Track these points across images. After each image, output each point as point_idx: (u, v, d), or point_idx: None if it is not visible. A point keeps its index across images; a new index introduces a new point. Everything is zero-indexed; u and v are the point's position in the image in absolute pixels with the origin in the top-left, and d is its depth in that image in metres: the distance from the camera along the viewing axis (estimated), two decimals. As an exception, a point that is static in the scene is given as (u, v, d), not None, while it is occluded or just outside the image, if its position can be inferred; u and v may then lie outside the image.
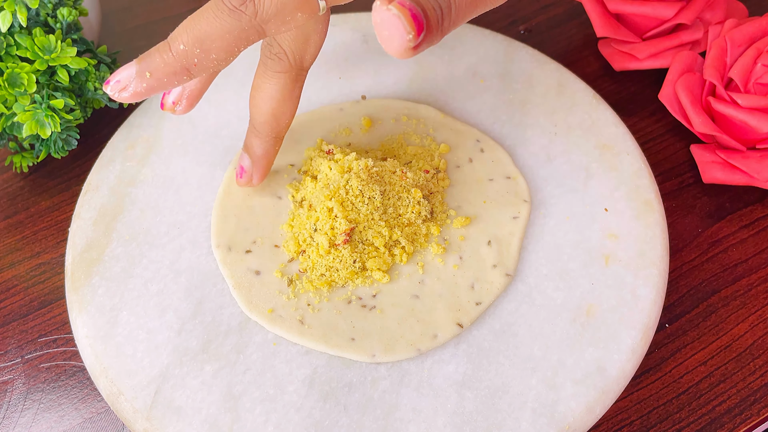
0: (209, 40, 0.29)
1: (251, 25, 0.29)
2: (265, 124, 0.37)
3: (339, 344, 0.35)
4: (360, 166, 0.37)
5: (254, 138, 0.38)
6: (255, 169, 0.39)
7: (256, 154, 0.39)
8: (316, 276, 0.37)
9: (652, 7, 0.46)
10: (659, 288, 0.37)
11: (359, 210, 0.37)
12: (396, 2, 0.25)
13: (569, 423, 0.33)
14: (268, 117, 0.37)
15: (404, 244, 0.38)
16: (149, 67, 0.30)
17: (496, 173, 0.41)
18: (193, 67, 0.30)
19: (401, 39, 0.25)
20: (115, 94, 0.31)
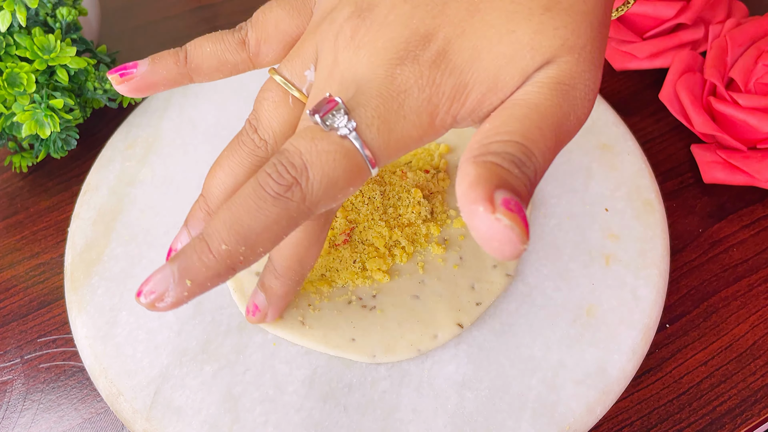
0: (254, 235, 0.24)
1: (300, 210, 0.24)
2: (288, 270, 0.33)
3: (339, 345, 0.35)
4: None
5: (274, 279, 0.34)
6: (271, 309, 0.35)
7: (275, 294, 0.35)
8: (316, 277, 0.37)
9: (653, 6, 0.46)
10: (660, 288, 0.37)
11: (359, 210, 0.37)
12: (502, 207, 0.21)
13: (569, 423, 0.33)
14: (293, 262, 0.33)
15: (404, 244, 0.38)
16: (188, 273, 0.25)
17: None
18: (239, 265, 0.25)
19: (514, 249, 0.21)
20: (150, 305, 0.25)
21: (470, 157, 0.24)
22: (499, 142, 0.24)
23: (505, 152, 0.24)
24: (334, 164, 0.24)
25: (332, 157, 0.24)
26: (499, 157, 0.23)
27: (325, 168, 0.24)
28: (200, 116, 0.44)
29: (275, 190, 0.24)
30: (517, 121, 0.24)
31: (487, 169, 0.23)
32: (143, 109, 0.45)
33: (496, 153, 0.24)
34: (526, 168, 0.24)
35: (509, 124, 0.24)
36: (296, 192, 0.24)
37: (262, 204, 0.24)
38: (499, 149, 0.24)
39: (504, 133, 0.24)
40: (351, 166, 0.24)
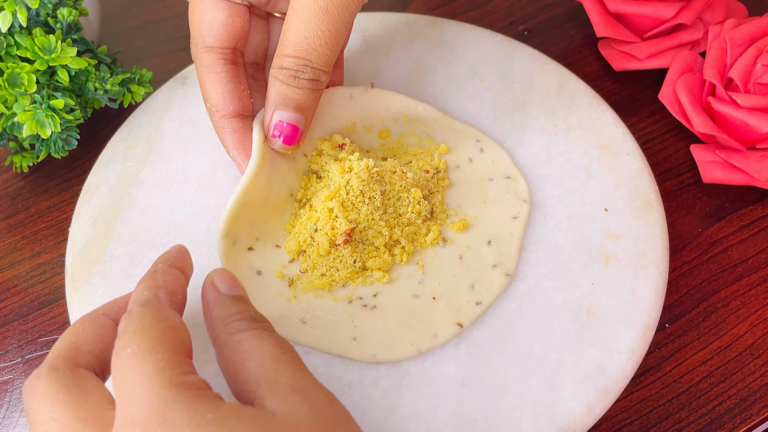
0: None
1: None
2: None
3: (341, 344, 0.35)
4: (361, 167, 0.37)
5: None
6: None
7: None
8: (317, 276, 0.37)
9: (652, 7, 0.46)
10: (659, 288, 0.37)
11: (359, 210, 0.37)
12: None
13: (569, 423, 0.34)
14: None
15: (404, 244, 0.38)
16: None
17: (496, 173, 0.41)
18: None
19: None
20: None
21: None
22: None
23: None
24: None
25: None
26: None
27: None
28: (200, 116, 0.44)
29: None
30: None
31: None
32: (144, 110, 0.45)
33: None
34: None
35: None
36: None
37: None
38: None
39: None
40: None
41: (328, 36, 0.34)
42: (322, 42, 0.34)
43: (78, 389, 0.27)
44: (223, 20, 0.36)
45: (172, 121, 0.44)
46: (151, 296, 0.30)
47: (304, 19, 0.33)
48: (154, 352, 0.26)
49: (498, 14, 0.54)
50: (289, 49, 0.34)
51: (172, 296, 0.31)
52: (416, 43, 0.46)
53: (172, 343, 0.27)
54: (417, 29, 0.47)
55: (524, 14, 0.54)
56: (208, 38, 0.36)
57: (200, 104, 0.45)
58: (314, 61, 0.34)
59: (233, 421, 0.25)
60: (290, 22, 0.34)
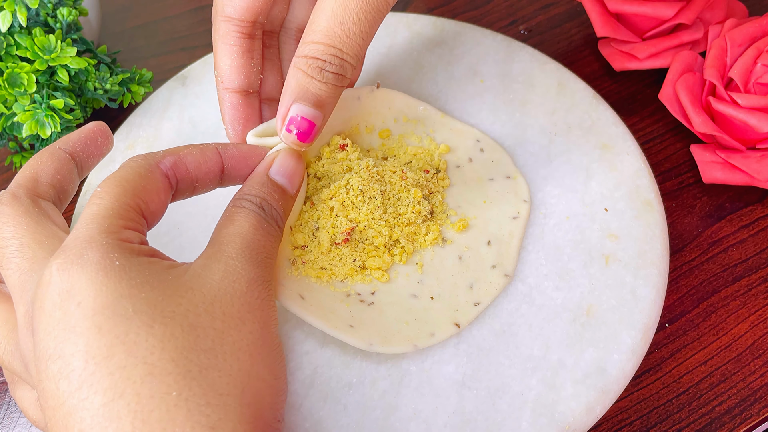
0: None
1: None
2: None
3: (338, 326, 0.34)
4: (361, 166, 0.37)
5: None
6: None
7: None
8: (317, 268, 0.37)
9: (652, 7, 0.46)
10: (659, 288, 0.37)
11: (360, 209, 0.37)
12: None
13: (569, 423, 0.34)
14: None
15: (404, 244, 0.38)
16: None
17: (496, 173, 0.41)
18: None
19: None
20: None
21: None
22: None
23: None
24: None
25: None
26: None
27: None
28: (200, 116, 0.44)
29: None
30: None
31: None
32: (144, 110, 0.45)
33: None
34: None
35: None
36: None
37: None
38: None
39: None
40: None
41: (365, 25, 0.32)
42: (358, 30, 0.32)
43: (39, 216, 0.30)
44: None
45: (172, 121, 0.44)
46: (158, 155, 0.32)
47: (341, 3, 0.31)
48: (112, 199, 0.29)
49: (498, 14, 0.54)
50: (319, 35, 0.32)
51: (179, 167, 0.32)
52: (416, 43, 0.46)
53: (134, 199, 0.29)
54: (417, 29, 0.47)
55: (524, 14, 0.54)
56: (228, 8, 0.35)
57: (200, 104, 0.45)
58: (345, 51, 0.32)
59: (135, 272, 0.27)
60: (324, 6, 0.32)
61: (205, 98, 0.45)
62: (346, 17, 0.31)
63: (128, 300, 0.26)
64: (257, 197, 0.33)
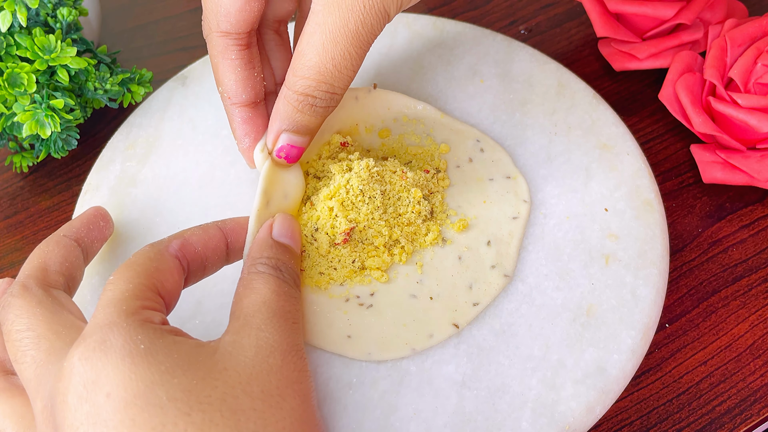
0: None
1: None
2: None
3: (335, 342, 0.35)
4: (361, 166, 0.37)
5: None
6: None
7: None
8: (315, 274, 0.37)
9: (652, 7, 0.46)
10: (659, 288, 0.37)
11: (359, 210, 0.37)
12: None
13: (569, 423, 0.33)
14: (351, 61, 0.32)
15: (404, 244, 0.38)
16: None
17: (496, 173, 0.41)
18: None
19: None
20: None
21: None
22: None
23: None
24: None
25: None
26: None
27: None
28: (200, 116, 0.44)
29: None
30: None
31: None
32: (144, 110, 0.45)
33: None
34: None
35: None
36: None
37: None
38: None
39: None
40: None
41: (355, 57, 0.32)
42: (349, 65, 0.32)
43: (53, 305, 0.30)
44: (240, 7, 0.34)
45: (172, 121, 0.44)
46: (165, 241, 0.32)
47: (332, 39, 0.31)
48: (126, 282, 0.28)
49: (498, 14, 0.54)
50: (311, 71, 0.32)
51: (186, 247, 0.32)
52: (416, 43, 0.46)
53: (149, 279, 0.29)
54: (417, 29, 0.47)
55: (524, 14, 0.54)
56: (223, 24, 0.34)
57: (200, 104, 0.45)
58: (336, 86, 0.32)
59: (162, 355, 0.26)
60: (313, 41, 0.31)
61: (205, 98, 0.45)
62: (338, 53, 0.31)
63: (161, 387, 0.25)
64: (270, 258, 0.32)
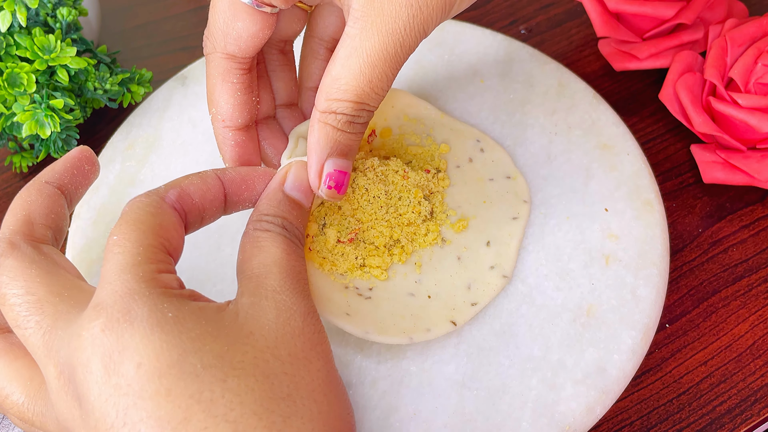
0: None
1: None
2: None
3: (334, 313, 0.34)
4: (366, 165, 0.37)
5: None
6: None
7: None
8: (319, 258, 0.37)
9: (653, 6, 0.46)
10: (659, 288, 0.37)
11: (365, 209, 0.37)
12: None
13: (569, 423, 0.33)
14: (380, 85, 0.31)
15: (404, 243, 0.38)
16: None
17: (496, 173, 0.41)
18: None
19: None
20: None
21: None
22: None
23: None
24: None
25: None
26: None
27: None
28: (200, 116, 0.44)
29: None
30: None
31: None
32: (143, 110, 0.45)
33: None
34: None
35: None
36: None
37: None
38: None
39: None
40: None
41: (391, 77, 0.31)
42: (385, 85, 0.31)
43: (48, 264, 0.28)
44: (254, 33, 0.33)
45: (171, 121, 0.44)
46: (161, 190, 0.30)
47: (370, 63, 0.30)
48: (136, 244, 0.27)
49: (498, 14, 0.54)
50: (349, 94, 0.31)
51: (184, 198, 0.30)
52: (416, 43, 0.46)
53: (157, 238, 0.28)
54: (417, 29, 0.47)
55: (524, 14, 0.54)
56: (231, 46, 0.33)
57: (200, 104, 0.45)
58: (371, 105, 0.32)
59: (191, 322, 0.25)
60: (350, 65, 0.30)
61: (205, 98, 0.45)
62: (375, 76, 0.30)
63: (194, 355, 0.25)
64: (278, 217, 0.31)
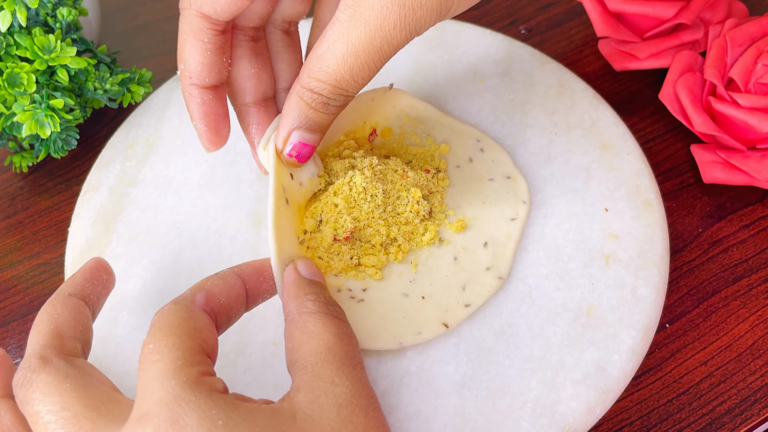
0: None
1: None
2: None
3: None
4: (365, 164, 0.37)
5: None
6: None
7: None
8: (315, 257, 0.37)
9: (652, 6, 0.46)
10: (659, 288, 0.37)
11: (362, 208, 0.37)
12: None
13: (569, 423, 0.33)
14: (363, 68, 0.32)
15: (401, 242, 0.38)
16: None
17: (496, 173, 0.41)
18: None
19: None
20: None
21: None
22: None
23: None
24: None
25: None
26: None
27: None
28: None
29: None
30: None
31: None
32: (143, 109, 0.45)
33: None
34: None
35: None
36: None
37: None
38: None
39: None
40: None
41: (373, 69, 0.32)
42: (366, 75, 0.32)
43: (83, 377, 0.28)
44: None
45: (171, 121, 0.44)
46: (188, 295, 0.30)
47: (353, 52, 0.31)
48: (174, 349, 0.27)
49: (498, 14, 0.54)
50: (328, 76, 0.32)
51: (212, 299, 0.31)
52: (416, 43, 0.46)
53: (194, 341, 0.28)
54: (417, 29, 0.47)
55: (524, 14, 0.54)
56: (206, 7, 0.32)
57: (200, 104, 0.45)
58: (351, 91, 0.33)
59: (243, 428, 0.25)
60: (334, 49, 0.31)
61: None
62: (357, 66, 0.31)
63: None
64: (316, 294, 0.31)
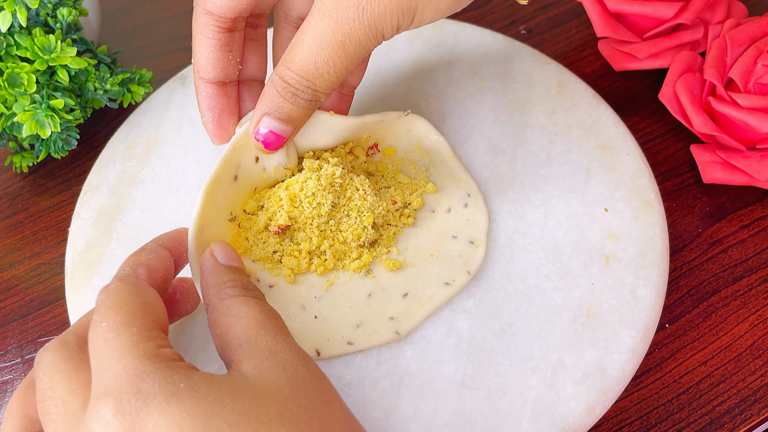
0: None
1: None
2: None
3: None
4: (327, 172, 0.37)
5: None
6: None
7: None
8: (243, 237, 0.37)
9: (652, 7, 0.46)
10: (659, 288, 0.37)
11: (303, 210, 0.36)
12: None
13: (569, 423, 0.34)
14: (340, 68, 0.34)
15: (328, 258, 0.37)
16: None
17: (463, 233, 0.39)
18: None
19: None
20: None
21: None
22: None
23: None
24: None
25: None
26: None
27: None
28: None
29: None
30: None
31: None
32: (144, 110, 0.45)
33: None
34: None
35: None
36: None
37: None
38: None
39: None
40: None
41: (339, 66, 0.33)
42: (332, 70, 0.33)
43: (79, 363, 0.29)
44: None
45: (172, 121, 0.44)
46: (130, 272, 0.31)
47: (317, 44, 0.32)
48: (128, 326, 0.27)
49: (498, 14, 0.54)
50: (296, 65, 0.33)
51: (152, 273, 0.31)
52: (416, 43, 0.46)
53: (146, 317, 0.28)
54: (417, 29, 0.47)
55: (524, 14, 0.54)
56: (209, 4, 0.34)
57: (200, 104, 0.45)
58: (318, 85, 0.34)
59: (204, 388, 0.26)
60: (303, 40, 0.33)
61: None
62: (321, 58, 0.33)
63: (216, 417, 0.25)
64: (234, 281, 0.32)
